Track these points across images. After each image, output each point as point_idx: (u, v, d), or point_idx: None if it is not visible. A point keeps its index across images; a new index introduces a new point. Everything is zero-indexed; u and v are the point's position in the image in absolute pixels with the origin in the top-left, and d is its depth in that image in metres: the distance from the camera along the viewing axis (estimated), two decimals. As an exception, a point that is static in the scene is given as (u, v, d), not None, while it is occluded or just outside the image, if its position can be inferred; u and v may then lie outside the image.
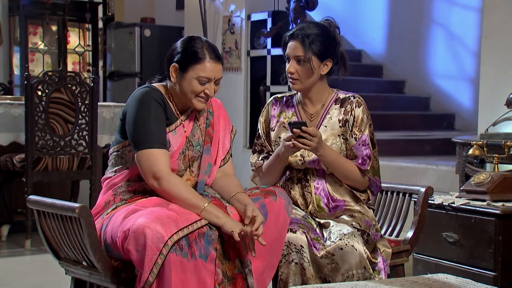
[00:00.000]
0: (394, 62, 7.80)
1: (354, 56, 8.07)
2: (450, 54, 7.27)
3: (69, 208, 2.45)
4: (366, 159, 2.96)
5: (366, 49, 8.08)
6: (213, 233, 2.56)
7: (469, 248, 3.25)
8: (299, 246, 2.75)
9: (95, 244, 2.45)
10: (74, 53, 9.55)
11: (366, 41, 8.09)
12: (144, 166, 2.60)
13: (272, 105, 3.12)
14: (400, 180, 5.19)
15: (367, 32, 8.07)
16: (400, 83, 7.68)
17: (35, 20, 9.28)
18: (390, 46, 7.87)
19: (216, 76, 2.72)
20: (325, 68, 2.97)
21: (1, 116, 5.36)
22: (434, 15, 7.47)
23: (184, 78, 2.68)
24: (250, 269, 2.63)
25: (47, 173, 5.28)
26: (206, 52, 2.69)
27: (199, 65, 2.67)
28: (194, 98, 2.70)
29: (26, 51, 9.09)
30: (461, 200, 3.34)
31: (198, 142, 2.78)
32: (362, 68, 7.92)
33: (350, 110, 2.98)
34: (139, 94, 2.68)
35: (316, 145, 2.83)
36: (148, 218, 2.43)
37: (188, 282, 2.46)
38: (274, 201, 2.75)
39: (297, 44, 2.93)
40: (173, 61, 2.70)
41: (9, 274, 4.46)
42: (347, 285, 2.26)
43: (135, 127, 2.63)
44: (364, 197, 3.03)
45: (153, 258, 2.39)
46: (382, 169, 5.52)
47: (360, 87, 7.40)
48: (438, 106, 7.40)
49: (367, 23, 8.08)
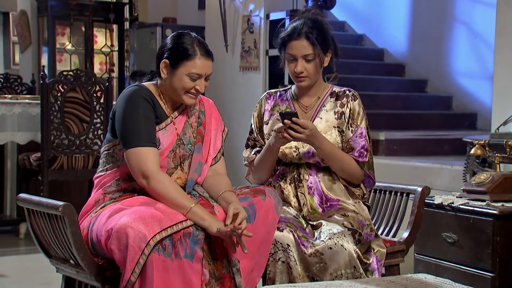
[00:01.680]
0: (416, 61, 7.72)
1: (376, 55, 8.02)
2: (473, 53, 7.16)
3: (53, 206, 2.48)
4: (364, 152, 2.94)
5: (388, 48, 8.00)
6: (200, 233, 2.56)
7: (468, 248, 3.21)
8: (285, 244, 2.74)
9: (79, 242, 2.47)
10: (100, 53, 9.64)
11: (388, 40, 8.02)
12: (133, 165, 2.62)
13: (265, 99, 3.12)
14: (414, 180, 5.15)
15: (389, 30, 7.99)
16: (422, 82, 7.59)
17: (63, 21, 9.39)
18: (413, 44, 7.79)
19: (207, 72, 2.74)
20: (327, 60, 2.97)
21: (20, 115, 5.46)
22: (456, 13, 7.37)
23: (174, 74, 2.69)
24: (237, 268, 2.62)
25: (62, 172, 5.36)
26: (197, 48, 2.71)
27: (190, 62, 2.68)
28: (185, 94, 2.72)
29: (54, 52, 9.21)
30: (460, 200, 3.30)
31: (189, 141, 2.78)
32: (385, 67, 7.85)
33: (346, 103, 2.97)
34: (127, 93, 2.70)
35: (307, 137, 2.81)
36: (131, 218, 2.44)
37: (172, 282, 2.47)
38: (263, 200, 2.75)
39: (303, 43, 2.91)
40: (163, 57, 2.70)
41: (21, 271, 4.53)
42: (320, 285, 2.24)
43: (124, 126, 2.64)
44: (359, 193, 3.01)
45: (135, 258, 2.40)
46: (397, 169, 5.54)
47: (381, 86, 7.37)
48: (460, 105, 7.30)
49: (389, 22, 8.00)
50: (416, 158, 5.79)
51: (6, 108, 5.44)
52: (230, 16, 7.14)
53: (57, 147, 5.22)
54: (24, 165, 5.59)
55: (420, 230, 3.43)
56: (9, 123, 5.43)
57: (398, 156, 5.98)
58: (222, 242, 2.61)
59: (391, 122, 6.66)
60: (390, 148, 6.12)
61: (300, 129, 2.79)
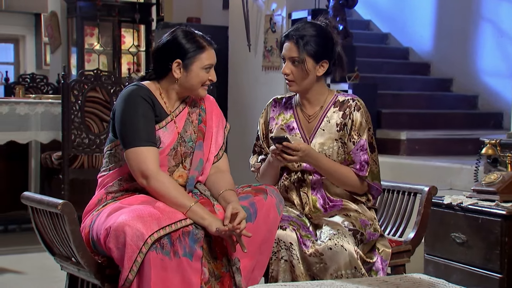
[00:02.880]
0: (442, 60, 7.64)
1: (401, 54, 7.96)
2: (499, 51, 7.07)
3: (53, 205, 2.50)
4: (364, 165, 2.92)
5: (413, 47, 7.94)
6: (199, 232, 2.57)
7: (476, 249, 3.17)
8: (288, 243, 2.74)
9: (78, 240, 2.50)
10: (128, 53, 9.72)
11: (413, 39, 7.96)
12: (133, 165, 2.63)
13: (271, 107, 3.11)
14: (434, 180, 5.10)
15: (415, 29, 7.93)
16: (448, 81, 7.51)
17: (91, 22, 9.49)
18: (438, 43, 7.71)
19: (215, 61, 2.78)
20: (322, 69, 2.93)
21: (42, 115, 5.54)
22: (482, 12, 7.28)
23: (190, 71, 2.71)
24: (237, 267, 2.62)
25: (83, 171, 5.42)
26: (203, 40, 2.75)
27: (204, 54, 2.72)
28: (200, 88, 2.75)
29: (82, 52, 9.31)
30: (470, 200, 3.26)
31: (191, 138, 2.79)
32: (409, 66, 7.79)
33: (348, 113, 2.94)
34: (126, 93, 2.71)
35: (301, 158, 2.83)
36: (129, 216, 2.46)
37: (170, 280, 2.48)
38: (264, 199, 2.74)
39: (291, 45, 2.91)
40: (174, 57, 2.71)
41: (38, 268, 4.59)
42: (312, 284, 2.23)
43: (123, 126, 2.66)
44: (364, 200, 2.99)
45: (133, 256, 2.42)
46: (417, 169, 5.49)
47: (405, 85, 7.31)
48: (486, 105, 7.21)
49: (415, 20, 7.94)
50: (437, 158, 5.74)
51: (30, 108, 5.52)
52: (253, 15, 7.15)
53: (77, 146, 5.28)
54: (46, 164, 5.67)
55: (429, 231, 3.41)
56: (32, 123, 5.51)
57: (420, 156, 5.94)
58: (222, 241, 2.62)
59: (414, 121, 6.61)
60: (411, 148, 6.08)
61: (292, 152, 2.79)
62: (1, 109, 5.41)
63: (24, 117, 5.48)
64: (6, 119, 5.40)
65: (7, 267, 4.58)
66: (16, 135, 5.48)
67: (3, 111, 5.41)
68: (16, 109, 5.47)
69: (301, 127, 2.99)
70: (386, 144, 6.21)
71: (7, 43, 11.65)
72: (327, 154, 2.92)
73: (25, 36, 11.51)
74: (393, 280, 2.28)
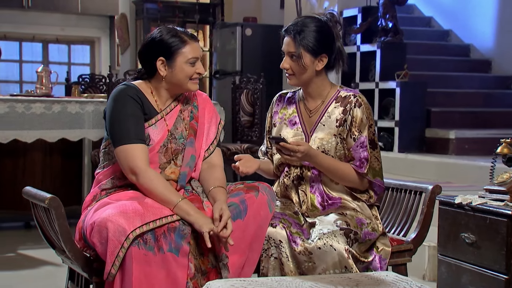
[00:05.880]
0: (504, 57, 7.41)
1: (462, 51, 7.77)
2: (562, 48, 6.83)
3: (41, 199, 2.59)
4: (364, 162, 2.90)
5: (475, 44, 7.74)
6: (186, 228, 2.60)
7: (484, 250, 3.08)
8: (278, 241, 2.74)
9: (65, 234, 2.57)
10: (193, 53, 9.85)
11: (475, 35, 7.75)
12: (123, 162, 2.69)
13: (276, 101, 3.14)
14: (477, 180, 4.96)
15: (476, 26, 7.73)
16: (508, 79, 7.28)
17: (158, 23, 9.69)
18: (500, 40, 7.48)
19: (200, 54, 2.82)
20: (320, 63, 2.92)
21: (93, 113, 5.71)
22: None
23: (174, 67, 2.75)
24: (225, 263, 2.65)
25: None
26: (183, 35, 2.78)
27: (184, 49, 2.74)
28: (189, 82, 2.78)
29: (149, 53, 9.49)
30: (479, 200, 3.17)
31: (182, 135, 2.83)
32: (469, 63, 7.60)
33: (349, 109, 2.92)
34: (115, 93, 2.77)
35: (299, 158, 2.84)
36: (113, 212, 2.51)
37: (154, 275, 2.52)
38: (255, 196, 2.76)
39: (289, 40, 2.92)
40: (156, 56, 2.76)
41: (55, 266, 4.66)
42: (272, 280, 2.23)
43: (112, 124, 2.72)
44: (365, 198, 2.96)
45: (115, 251, 2.47)
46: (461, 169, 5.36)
47: (462, 83, 7.14)
48: (547, 104, 6.97)
49: (476, 17, 7.73)
50: (484, 158, 5.58)
51: (80, 107, 5.70)
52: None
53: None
54: (95, 160, 5.84)
55: (442, 231, 3.34)
56: (82, 121, 5.69)
57: (468, 156, 5.80)
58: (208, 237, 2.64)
59: (466, 120, 6.45)
60: (460, 147, 5.95)
61: (290, 153, 2.81)
62: (54, 108, 5.60)
63: (75, 116, 5.65)
64: (58, 117, 5.59)
65: (57, 262, 4.68)
66: (67, 133, 5.67)
67: (56, 109, 5.61)
68: (67, 108, 5.66)
69: (303, 121, 3.00)
70: (434, 143, 6.10)
71: (84, 44, 12.01)
72: (325, 149, 2.91)
73: (100, 38, 11.84)
74: (358, 277, 2.26)
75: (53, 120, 5.58)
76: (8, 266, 4.69)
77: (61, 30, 11.38)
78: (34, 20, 10.95)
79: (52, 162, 6.14)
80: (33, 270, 4.59)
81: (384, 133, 6.39)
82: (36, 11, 10.81)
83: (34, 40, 11.45)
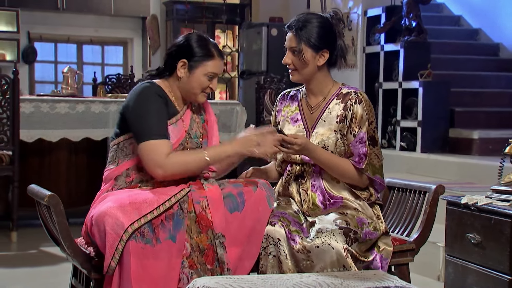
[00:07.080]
0: (533, 56, 7.32)
1: (491, 50, 7.67)
2: None
3: (42, 197, 2.64)
4: (362, 157, 2.89)
5: (504, 43, 7.63)
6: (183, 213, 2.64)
7: (489, 250, 3.05)
8: (276, 239, 2.75)
9: (64, 231, 2.62)
10: (222, 53, 9.90)
11: (505, 34, 7.64)
12: (146, 157, 2.71)
13: (280, 100, 3.16)
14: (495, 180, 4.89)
15: (506, 24, 7.62)
16: (537, 78, 7.19)
17: (188, 24, 9.75)
18: (530, 39, 7.39)
19: (221, 72, 2.89)
20: (322, 59, 2.94)
21: (115, 113, 5.77)
22: None
23: (193, 74, 2.81)
24: (221, 242, 2.68)
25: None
26: (214, 49, 2.85)
27: (210, 62, 2.82)
28: (200, 93, 2.84)
29: (179, 53, 9.56)
30: (485, 200, 3.14)
31: (196, 135, 2.91)
32: (498, 62, 7.49)
33: (349, 106, 2.93)
34: (140, 89, 2.80)
35: (297, 151, 2.86)
36: (111, 206, 2.56)
37: (153, 267, 2.55)
38: (253, 191, 2.79)
39: (291, 35, 2.95)
40: (182, 57, 2.81)
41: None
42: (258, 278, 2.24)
43: (137, 121, 2.75)
44: (366, 195, 2.96)
45: (114, 244, 2.51)
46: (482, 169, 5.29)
47: (489, 83, 7.05)
48: None
49: (506, 16, 7.62)
50: (508, 158, 5.50)
51: (104, 106, 5.78)
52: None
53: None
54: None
55: (449, 231, 3.31)
56: (105, 120, 5.76)
57: (491, 156, 5.73)
58: (207, 215, 2.68)
59: (491, 120, 6.37)
60: (484, 147, 5.88)
61: (288, 145, 2.82)
62: (78, 107, 5.69)
63: (99, 115, 5.73)
64: (82, 117, 5.68)
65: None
66: (91, 132, 5.76)
67: (80, 109, 5.70)
68: (91, 108, 5.74)
69: (304, 117, 3.02)
70: (458, 144, 6.04)
71: (117, 45, 12.14)
72: (326, 145, 2.91)
73: (133, 39, 11.95)
74: (346, 275, 2.25)
75: (77, 119, 5.67)
76: (30, 263, 4.80)
77: (95, 31, 11.52)
78: (68, 22, 11.10)
79: (77, 161, 6.23)
80: (53, 267, 4.68)
81: (407, 133, 6.34)
82: (70, 13, 10.96)
83: (69, 41, 11.61)
